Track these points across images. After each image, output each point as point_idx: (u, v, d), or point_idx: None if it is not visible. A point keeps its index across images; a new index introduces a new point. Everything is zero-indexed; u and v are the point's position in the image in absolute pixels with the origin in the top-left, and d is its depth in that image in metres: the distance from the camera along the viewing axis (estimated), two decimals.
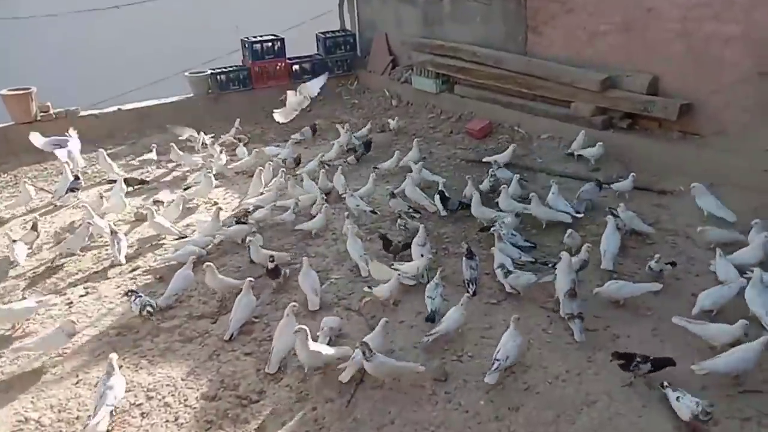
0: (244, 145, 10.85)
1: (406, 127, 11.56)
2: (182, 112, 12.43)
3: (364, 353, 4.75)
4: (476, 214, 7.39)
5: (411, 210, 7.75)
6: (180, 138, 11.00)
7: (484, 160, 9.19)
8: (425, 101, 12.33)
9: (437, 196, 7.78)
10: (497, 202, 7.66)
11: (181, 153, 10.17)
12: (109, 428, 4.62)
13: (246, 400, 4.89)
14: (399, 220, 7.40)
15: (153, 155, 10.29)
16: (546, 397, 4.79)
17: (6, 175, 10.25)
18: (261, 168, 8.95)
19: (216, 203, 8.71)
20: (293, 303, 5.47)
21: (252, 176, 8.96)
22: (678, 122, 8.48)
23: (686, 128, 8.58)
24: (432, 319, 5.65)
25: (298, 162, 9.89)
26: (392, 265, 6.34)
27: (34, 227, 7.62)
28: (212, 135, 11.12)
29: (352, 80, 14.18)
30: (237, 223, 7.59)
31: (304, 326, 4.98)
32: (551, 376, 4.99)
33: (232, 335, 5.61)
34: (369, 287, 6.09)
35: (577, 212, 7.39)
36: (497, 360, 4.93)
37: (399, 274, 5.92)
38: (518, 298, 5.97)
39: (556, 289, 5.74)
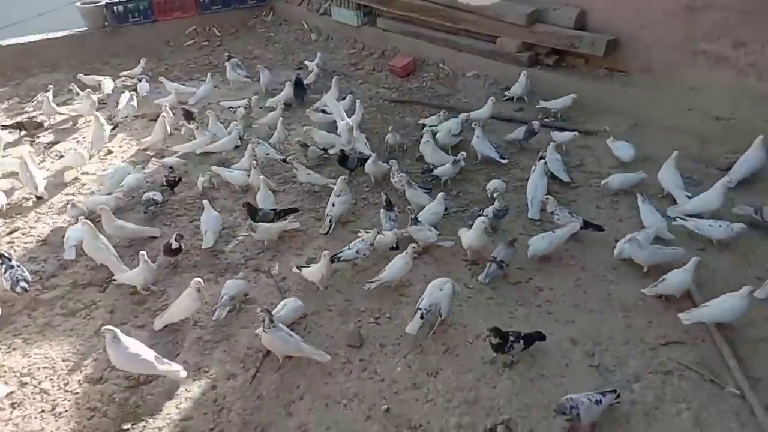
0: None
1: (326, 64, 10.76)
2: (74, 49, 11.13)
3: (263, 321, 4.27)
4: (369, 170, 6.80)
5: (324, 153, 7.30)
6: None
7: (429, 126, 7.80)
8: (346, 35, 11.51)
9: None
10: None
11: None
12: None
13: (135, 381, 4.35)
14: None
15: (50, 96, 8.99)
16: (466, 359, 4.50)
17: None
18: (164, 115, 8.01)
19: (111, 152, 7.83)
20: (198, 280, 4.80)
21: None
22: (605, 59, 8.17)
23: (613, 65, 8.30)
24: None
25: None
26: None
27: None
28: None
29: (267, 11, 13.06)
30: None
31: (111, 327, 4.23)
32: (471, 335, 4.69)
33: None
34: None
35: (502, 157, 7.06)
36: (420, 309, 4.58)
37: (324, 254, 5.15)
38: (440, 252, 5.61)
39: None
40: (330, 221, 5.94)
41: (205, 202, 6.00)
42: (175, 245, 5.37)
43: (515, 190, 6.50)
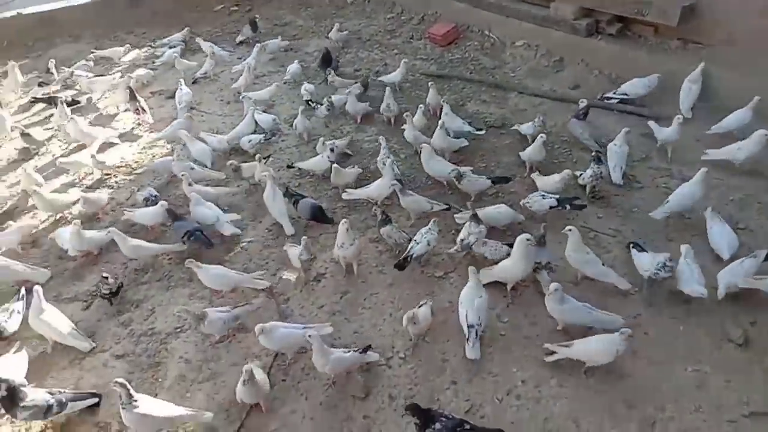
0: None
1: (360, 31, 9.80)
2: (98, 18, 10.52)
3: (121, 397, 3.50)
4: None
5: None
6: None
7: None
8: None
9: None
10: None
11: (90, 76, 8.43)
12: None
13: None
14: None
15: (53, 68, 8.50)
16: (501, 417, 3.69)
17: None
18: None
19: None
20: None
21: None
22: (678, 28, 6.89)
23: (688, 36, 7.02)
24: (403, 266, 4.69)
25: None
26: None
27: None
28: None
29: None
30: None
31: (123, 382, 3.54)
32: (503, 389, 3.86)
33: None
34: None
35: (479, 129, 6.43)
36: (471, 327, 3.96)
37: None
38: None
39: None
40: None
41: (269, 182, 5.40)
42: (106, 288, 4.61)
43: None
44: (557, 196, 5.16)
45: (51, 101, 7.85)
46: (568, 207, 5.11)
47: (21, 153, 6.96)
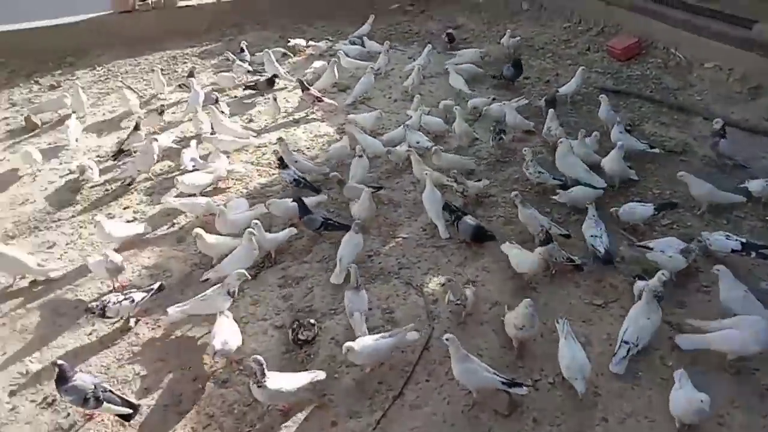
0: None
1: (533, 38, 9.60)
2: (284, 8, 11.27)
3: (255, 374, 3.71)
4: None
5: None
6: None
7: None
8: (562, 5, 10.17)
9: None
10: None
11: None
12: None
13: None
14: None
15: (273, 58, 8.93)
16: None
17: (100, 68, 9.79)
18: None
19: None
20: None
21: None
22: None
23: None
24: (610, 260, 4.74)
25: None
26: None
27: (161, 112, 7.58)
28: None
29: None
30: None
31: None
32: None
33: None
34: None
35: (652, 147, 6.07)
36: (626, 343, 3.88)
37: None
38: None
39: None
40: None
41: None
42: (304, 334, 4.43)
43: None
44: (743, 239, 4.68)
45: (256, 87, 8.39)
46: (753, 254, 4.61)
47: None
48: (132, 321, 4.67)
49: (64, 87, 8.63)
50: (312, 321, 4.43)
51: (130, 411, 3.89)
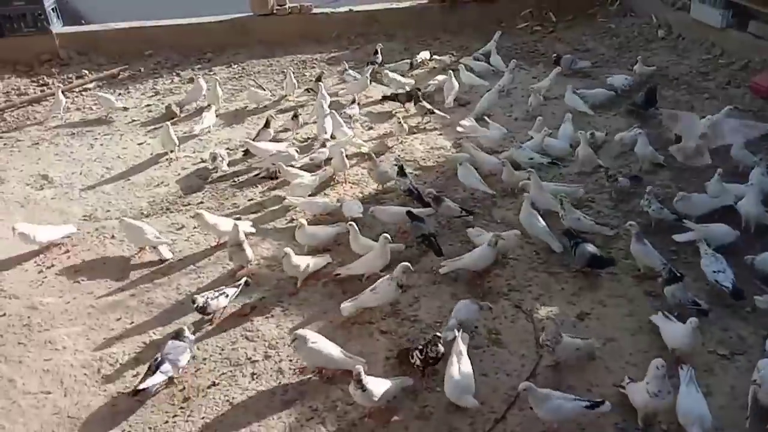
0: None
1: (668, 68, 9.14)
2: (412, 20, 11.47)
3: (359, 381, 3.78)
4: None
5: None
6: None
7: None
8: (703, 36, 9.61)
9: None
10: None
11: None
12: None
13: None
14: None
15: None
16: None
17: (236, 66, 10.43)
18: None
19: None
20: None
21: None
22: None
23: None
24: (740, 294, 4.52)
25: None
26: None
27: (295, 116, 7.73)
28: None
29: None
30: None
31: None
32: None
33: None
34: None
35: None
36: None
37: None
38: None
39: None
40: None
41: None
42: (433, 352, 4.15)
43: None
44: None
45: (396, 98, 8.36)
46: None
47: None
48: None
49: (206, 79, 9.23)
50: (438, 334, 4.18)
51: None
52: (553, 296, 4.90)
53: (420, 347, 4.14)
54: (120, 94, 9.46)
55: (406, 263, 4.67)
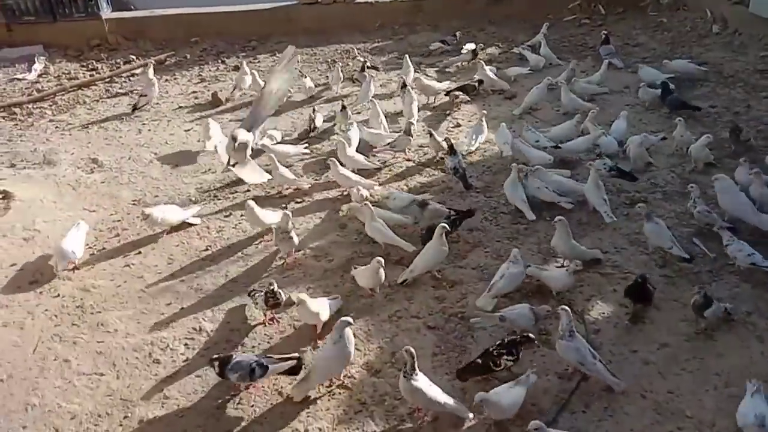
0: None
1: (722, 65, 8.84)
2: (456, 10, 11.34)
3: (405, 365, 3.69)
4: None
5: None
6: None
7: None
8: (761, 32, 9.27)
9: None
10: None
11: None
12: None
13: None
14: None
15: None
16: None
17: (279, 54, 10.40)
18: None
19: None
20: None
21: None
22: None
23: None
24: None
25: None
26: None
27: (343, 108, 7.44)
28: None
29: None
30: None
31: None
32: None
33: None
34: None
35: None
36: None
37: None
38: None
39: None
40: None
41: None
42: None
43: None
44: None
45: (465, 90, 8.27)
46: None
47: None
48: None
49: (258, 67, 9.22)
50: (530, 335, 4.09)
51: (295, 361, 4.06)
52: (604, 297, 4.79)
53: (504, 351, 4.00)
54: (167, 80, 9.57)
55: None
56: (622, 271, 5.05)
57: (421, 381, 3.77)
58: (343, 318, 4.10)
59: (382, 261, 4.75)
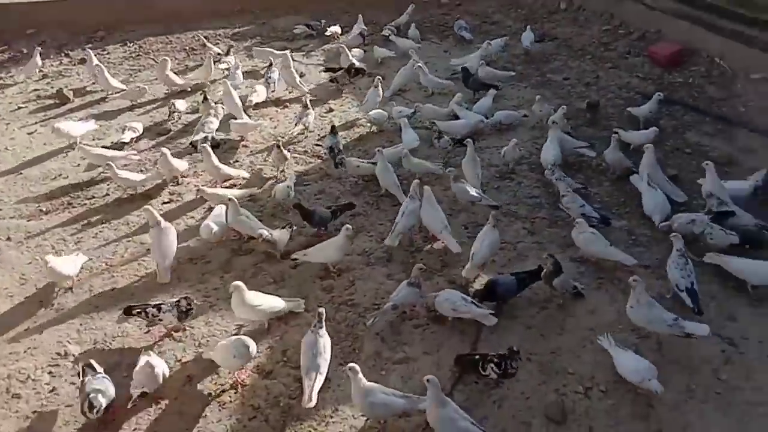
0: None
1: (572, 39, 9.44)
2: None
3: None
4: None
5: None
6: None
7: None
8: (602, 8, 9.99)
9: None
10: None
11: None
12: None
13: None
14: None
15: None
16: None
17: (131, 44, 9.68)
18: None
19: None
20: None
21: None
22: None
23: None
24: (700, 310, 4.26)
25: None
26: None
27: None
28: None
29: None
30: None
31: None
32: None
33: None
34: None
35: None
36: None
37: None
38: None
39: None
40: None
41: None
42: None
43: None
44: None
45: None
46: None
47: None
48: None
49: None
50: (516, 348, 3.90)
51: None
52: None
53: (496, 360, 3.87)
54: (0, 78, 8.55)
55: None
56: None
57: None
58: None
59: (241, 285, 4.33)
